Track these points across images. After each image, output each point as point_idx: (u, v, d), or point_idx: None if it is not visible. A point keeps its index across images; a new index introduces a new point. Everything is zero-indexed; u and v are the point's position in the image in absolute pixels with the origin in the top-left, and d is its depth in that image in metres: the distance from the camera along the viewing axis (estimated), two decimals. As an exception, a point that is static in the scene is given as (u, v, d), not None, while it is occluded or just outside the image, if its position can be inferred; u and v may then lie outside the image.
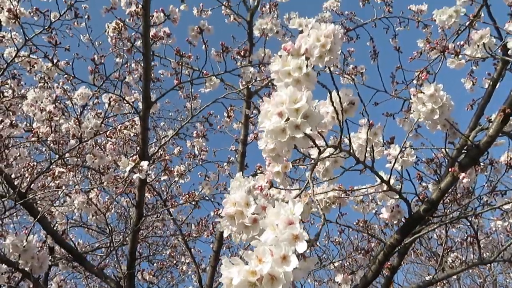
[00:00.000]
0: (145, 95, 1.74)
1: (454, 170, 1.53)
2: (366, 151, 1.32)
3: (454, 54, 1.74)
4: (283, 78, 0.90)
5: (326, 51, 0.99)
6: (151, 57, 1.75)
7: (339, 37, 1.03)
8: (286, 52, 0.90)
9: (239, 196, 0.77)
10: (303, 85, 0.89)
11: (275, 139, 0.81)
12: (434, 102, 1.39)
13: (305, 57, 0.91)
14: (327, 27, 1.01)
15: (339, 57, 1.03)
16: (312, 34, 1.01)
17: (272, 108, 0.81)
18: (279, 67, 0.90)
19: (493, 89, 1.95)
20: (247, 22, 2.78)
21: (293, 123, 0.79)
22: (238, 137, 2.86)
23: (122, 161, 1.34)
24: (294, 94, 0.81)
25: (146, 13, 1.63)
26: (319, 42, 0.99)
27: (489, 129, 1.50)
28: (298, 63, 0.88)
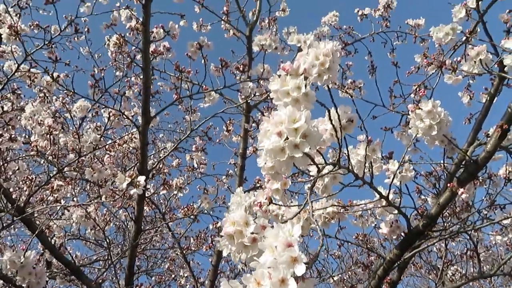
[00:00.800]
0: (144, 110, 1.75)
1: (453, 186, 1.53)
2: (365, 167, 1.33)
3: (451, 70, 1.76)
4: (282, 98, 0.90)
5: (325, 70, 1.00)
6: (151, 73, 1.76)
7: (337, 56, 1.04)
8: (285, 72, 0.91)
9: (238, 215, 0.77)
10: (302, 105, 0.90)
11: (274, 158, 0.82)
12: (432, 118, 1.40)
13: (303, 76, 0.92)
14: (325, 45, 1.03)
15: (338, 74, 1.04)
16: (311, 52, 1.02)
17: (271, 128, 0.82)
18: (278, 86, 0.91)
19: (490, 103, 1.96)
20: (246, 37, 2.80)
21: (292, 143, 0.80)
22: (237, 151, 2.87)
23: (119, 177, 1.34)
24: (293, 114, 0.82)
25: (146, 29, 1.64)
26: (318, 61, 1.00)
27: (486, 144, 1.51)
28: (297, 83, 0.89)
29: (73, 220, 2.41)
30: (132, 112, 2.34)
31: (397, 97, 2.70)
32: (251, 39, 2.82)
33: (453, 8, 1.81)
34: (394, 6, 3.33)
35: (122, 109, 1.91)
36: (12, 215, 1.74)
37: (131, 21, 2.46)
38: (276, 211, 1.37)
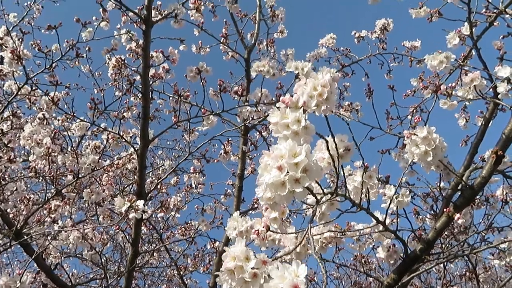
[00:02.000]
0: (143, 133, 1.76)
1: (449, 211, 1.54)
2: (362, 193, 1.34)
3: (446, 95, 1.79)
4: (281, 130, 0.92)
5: (323, 100, 1.02)
6: (150, 96, 1.79)
7: (335, 86, 1.06)
8: (285, 105, 0.93)
9: (239, 250, 0.78)
10: (302, 137, 0.91)
11: (274, 192, 0.83)
12: (427, 144, 1.42)
13: (303, 109, 0.93)
14: (324, 76, 1.05)
15: (336, 104, 1.07)
16: (309, 83, 1.05)
17: (271, 162, 0.83)
18: (278, 119, 0.92)
19: (485, 127, 1.99)
20: (244, 60, 2.84)
21: (293, 177, 0.81)
22: (235, 171, 2.88)
23: (118, 201, 1.34)
24: (293, 148, 0.83)
25: (146, 54, 1.67)
26: (316, 91, 1.02)
27: (482, 170, 1.53)
28: (297, 116, 0.91)
29: (70, 241, 2.41)
30: (130, 133, 2.35)
31: (394, 119, 2.73)
32: (249, 62, 2.87)
33: (448, 34, 1.85)
34: (390, 28, 3.39)
35: (121, 132, 1.93)
36: (9, 238, 1.74)
37: (131, 43, 2.50)
38: (273, 235, 1.38)
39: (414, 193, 2.62)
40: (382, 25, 3.35)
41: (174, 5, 1.76)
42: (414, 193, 2.63)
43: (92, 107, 1.93)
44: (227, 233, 1.44)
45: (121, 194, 2.04)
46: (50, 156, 2.08)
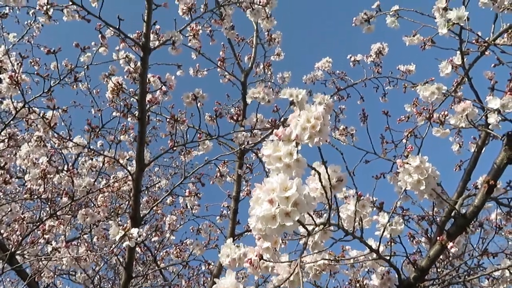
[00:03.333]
0: (138, 158, 1.78)
1: (442, 239, 1.55)
2: (355, 221, 1.35)
3: (439, 123, 1.82)
4: (274, 163, 0.94)
5: (316, 132, 1.04)
6: (147, 121, 1.81)
7: (328, 118, 1.08)
8: (278, 138, 0.95)
9: (229, 282, 0.79)
10: (294, 170, 0.93)
11: (265, 225, 0.84)
12: (420, 173, 1.44)
13: (295, 142, 0.95)
14: (317, 108, 1.07)
15: (332, 127, 1.08)
16: (303, 115, 1.07)
17: (263, 195, 0.85)
18: (270, 152, 0.94)
19: (478, 154, 2.01)
20: (241, 83, 2.88)
21: (283, 211, 0.82)
22: (231, 193, 2.89)
23: (112, 230, 1.34)
24: (284, 181, 0.85)
25: (143, 80, 1.69)
26: (310, 124, 1.04)
27: (474, 199, 1.54)
28: (289, 150, 0.92)
29: (63, 262, 2.39)
30: (127, 155, 2.36)
31: (389, 143, 2.76)
32: (246, 85, 2.90)
33: (440, 63, 1.89)
34: (385, 53, 3.44)
35: (117, 155, 1.94)
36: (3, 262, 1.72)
37: (130, 64, 2.53)
38: (266, 263, 1.38)
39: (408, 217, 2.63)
40: (377, 49, 3.40)
41: (171, 33, 1.79)
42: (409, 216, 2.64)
43: (89, 129, 1.94)
44: (220, 260, 1.44)
45: (115, 216, 2.04)
46: (46, 177, 2.08)
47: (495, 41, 1.73)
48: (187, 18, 1.98)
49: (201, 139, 1.86)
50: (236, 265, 1.35)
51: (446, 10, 1.72)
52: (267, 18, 2.32)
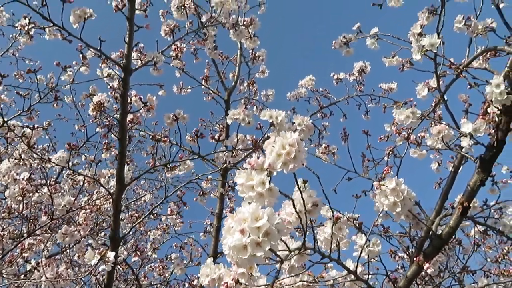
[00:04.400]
0: (118, 178, 1.77)
1: (419, 260, 1.58)
2: (332, 243, 1.37)
3: (416, 144, 1.86)
4: (247, 192, 0.95)
5: (290, 159, 1.06)
6: (127, 141, 1.80)
7: (303, 145, 1.10)
8: (251, 167, 0.96)
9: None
10: (266, 199, 0.94)
11: (237, 255, 0.85)
12: (396, 195, 1.47)
13: (269, 171, 0.97)
14: (292, 135, 1.09)
15: (305, 162, 1.11)
16: (278, 142, 1.09)
17: (234, 225, 0.86)
18: (243, 180, 0.95)
19: (455, 174, 2.06)
20: (224, 101, 2.90)
21: (254, 241, 0.84)
22: (214, 211, 2.88)
23: (88, 253, 1.33)
24: (256, 211, 0.86)
25: (124, 101, 1.70)
26: (284, 150, 1.06)
27: (450, 220, 1.58)
28: (261, 179, 0.94)
29: (42, 283, 2.35)
30: (109, 172, 2.35)
31: (370, 161, 2.79)
32: (229, 103, 2.93)
33: (417, 86, 1.94)
34: (368, 71, 3.51)
35: (97, 175, 1.93)
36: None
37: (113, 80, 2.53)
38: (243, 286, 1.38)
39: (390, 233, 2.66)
40: (359, 67, 3.46)
41: (153, 54, 1.81)
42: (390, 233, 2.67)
43: (69, 148, 1.94)
44: (200, 280, 1.44)
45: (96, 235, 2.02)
46: (25, 196, 2.06)
47: (469, 65, 1.78)
48: (169, 39, 2.00)
49: (182, 159, 1.87)
50: (215, 285, 1.35)
51: (421, 35, 1.77)
52: (250, 38, 2.35)
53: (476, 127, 1.49)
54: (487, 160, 1.51)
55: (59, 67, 1.96)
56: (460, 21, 2.01)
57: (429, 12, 2.04)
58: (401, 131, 2.18)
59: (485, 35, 2.12)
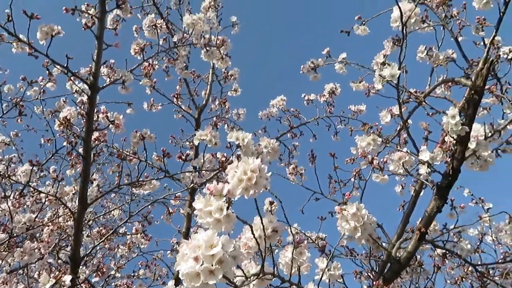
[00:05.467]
0: (81, 197, 1.74)
1: (378, 284, 1.60)
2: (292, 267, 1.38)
3: (378, 169, 1.91)
4: (204, 217, 0.96)
5: (251, 185, 1.07)
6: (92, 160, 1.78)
7: (265, 171, 1.12)
8: (209, 192, 0.97)
9: None
10: (223, 226, 0.95)
11: (190, 282, 0.85)
12: (357, 220, 1.50)
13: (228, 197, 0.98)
14: (254, 161, 1.11)
15: (268, 185, 1.12)
16: (240, 167, 1.10)
17: (189, 252, 0.86)
18: (201, 206, 0.96)
19: (416, 199, 2.12)
20: (194, 119, 2.91)
21: (207, 269, 0.84)
22: (181, 229, 2.86)
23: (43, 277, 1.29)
24: (211, 238, 0.87)
25: (90, 119, 1.68)
26: (246, 176, 1.08)
27: (408, 245, 1.62)
28: (220, 205, 0.95)
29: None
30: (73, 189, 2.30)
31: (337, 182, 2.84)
32: (200, 121, 2.94)
33: (380, 112, 2.00)
34: (338, 93, 3.59)
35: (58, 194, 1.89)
36: None
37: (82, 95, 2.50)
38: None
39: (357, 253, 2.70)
40: (330, 89, 3.54)
41: (122, 72, 1.81)
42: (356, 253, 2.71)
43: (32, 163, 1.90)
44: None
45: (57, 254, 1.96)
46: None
47: (430, 93, 1.85)
48: (139, 58, 2.00)
49: (148, 179, 1.86)
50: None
51: (384, 64, 1.84)
52: (222, 59, 2.37)
53: (433, 156, 1.55)
54: (443, 188, 1.57)
55: (25, 81, 1.93)
56: (422, 51, 2.10)
57: (394, 41, 2.13)
58: (366, 154, 2.23)
59: (445, 65, 2.23)
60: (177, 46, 2.11)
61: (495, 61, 2.17)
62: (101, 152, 2.80)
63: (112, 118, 1.73)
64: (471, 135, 1.58)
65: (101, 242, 2.18)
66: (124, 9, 1.79)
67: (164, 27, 2.04)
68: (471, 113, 1.54)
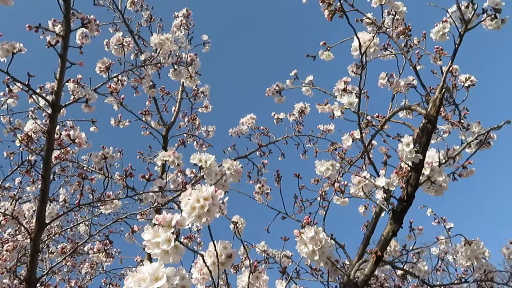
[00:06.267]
0: (39, 217, 1.70)
1: (336, 306, 1.63)
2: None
3: (340, 191, 1.95)
4: (152, 249, 0.96)
5: (204, 213, 1.08)
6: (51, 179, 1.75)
7: (218, 198, 1.13)
8: (158, 223, 0.98)
9: None
10: (171, 257, 0.96)
11: (134, 316, 0.85)
12: (315, 244, 1.53)
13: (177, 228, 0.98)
14: (207, 189, 1.12)
15: (224, 209, 1.14)
16: (193, 195, 1.11)
17: (133, 285, 0.86)
18: (150, 237, 0.96)
19: (376, 220, 2.16)
20: (162, 137, 2.90)
21: (150, 303, 0.84)
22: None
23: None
24: (156, 271, 0.87)
25: (50, 138, 1.66)
26: (199, 204, 1.09)
27: (365, 268, 1.66)
28: (167, 236, 0.95)
29: None
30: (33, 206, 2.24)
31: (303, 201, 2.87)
32: (167, 139, 2.93)
33: (343, 135, 2.05)
34: (307, 112, 3.65)
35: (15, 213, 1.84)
36: None
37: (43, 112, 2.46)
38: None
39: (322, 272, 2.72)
40: (300, 108, 3.59)
41: (85, 91, 1.79)
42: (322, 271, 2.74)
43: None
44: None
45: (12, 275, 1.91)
46: None
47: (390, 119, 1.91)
48: (104, 76, 1.99)
49: (109, 199, 1.84)
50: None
51: (345, 90, 1.90)
52: (190, 77, 2.39)
53: (389, 182, 1.59)
54: (399, 212, 1.62)
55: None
56: (383, 77, 2.18)
57: (357, 67, 2.19)
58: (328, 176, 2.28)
59: (406, 91, 2.31)
60: (144, 65, 2.11)
61: (452, 88, 2.26)
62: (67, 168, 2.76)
63: (74, 137, 1.71)
64: (425, 161, 1.65)
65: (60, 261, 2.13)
66: (90, 28, 1.79)
67: (131, 45, 2.04)
68: (425, 141, 1.61)
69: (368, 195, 1.81)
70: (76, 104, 1.96)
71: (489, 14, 1.90)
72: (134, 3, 2.89)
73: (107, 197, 1.81)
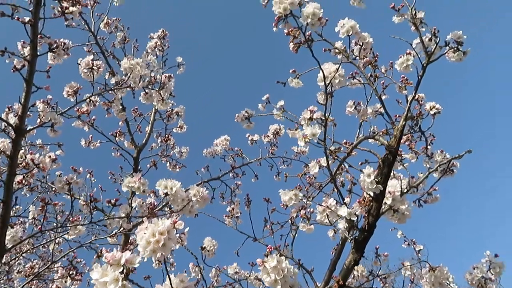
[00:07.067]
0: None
1: (299, 336, 1.63)
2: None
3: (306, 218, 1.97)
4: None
5: (159, 247, 1.08)
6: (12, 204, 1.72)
7: (173, 233, 1.13)
8: (107, 262, 0.97)
9: None
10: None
11: None
12: (277, 273, 1.53)
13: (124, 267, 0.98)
14: (163, 223, 1.12)
15: (184, 241, 1.14)
16: (149, 229, 1.11)
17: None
18: (98, 276, 0.95)
19: (342, 247, 2.19)
20: (133, 158, 2.88)
21: None
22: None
23: None
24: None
25: (13, 162, 1.63)
26: (154, 238, 1.09)
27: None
28: (116, 275, 0.94)
29: None
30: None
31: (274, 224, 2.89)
32: (139, 160, 2.92)
33: (310, 162, 2.08)
34: (282, 133, 3.68)
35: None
36: None
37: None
38: None
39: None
40: (274, 130, 3.62)
41: (51, 115, 1.78)
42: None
43: None
44: None
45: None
46: None
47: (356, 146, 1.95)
48: (72, 100, 1.98)
49: (73, 224, 1.81)
50: None
51: (311, 119, 1.93)
52: (162, 101, 2.39)
53: (351, 212, 1.62)
54: (360, 242, 1.64)
55: None
56: (351, 105, 2.22)
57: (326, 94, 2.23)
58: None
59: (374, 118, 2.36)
60: (113, 89, 2.11)
61: (418, 116, 2.32)
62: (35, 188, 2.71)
63: (38, 162, 1.69)
64: (387, 191, 1.68)
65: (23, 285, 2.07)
66: (58, 53, 1.78)
67: (101, 69, 2.04)
68: (386, 172, 1.64)
69: (332, 223, 1.83)
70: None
71: (452, 47, 1.96)
72: (109, 24, 2.90)
73: (71, 222, 1.78)
